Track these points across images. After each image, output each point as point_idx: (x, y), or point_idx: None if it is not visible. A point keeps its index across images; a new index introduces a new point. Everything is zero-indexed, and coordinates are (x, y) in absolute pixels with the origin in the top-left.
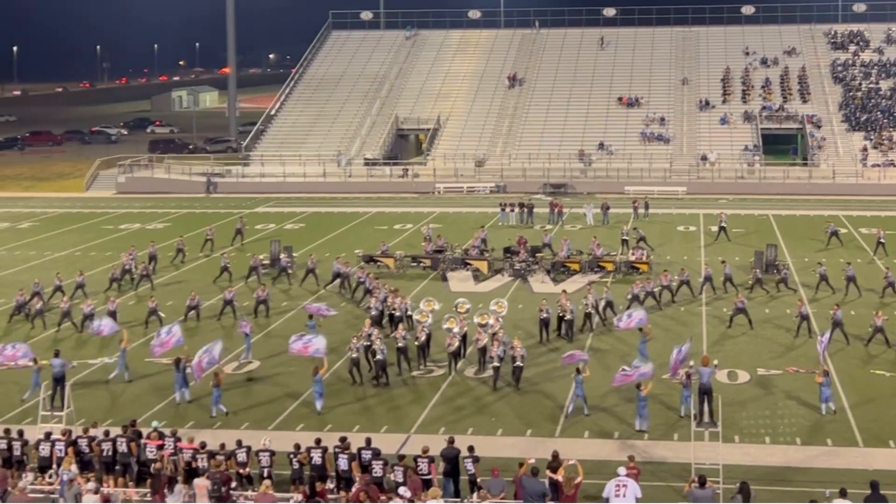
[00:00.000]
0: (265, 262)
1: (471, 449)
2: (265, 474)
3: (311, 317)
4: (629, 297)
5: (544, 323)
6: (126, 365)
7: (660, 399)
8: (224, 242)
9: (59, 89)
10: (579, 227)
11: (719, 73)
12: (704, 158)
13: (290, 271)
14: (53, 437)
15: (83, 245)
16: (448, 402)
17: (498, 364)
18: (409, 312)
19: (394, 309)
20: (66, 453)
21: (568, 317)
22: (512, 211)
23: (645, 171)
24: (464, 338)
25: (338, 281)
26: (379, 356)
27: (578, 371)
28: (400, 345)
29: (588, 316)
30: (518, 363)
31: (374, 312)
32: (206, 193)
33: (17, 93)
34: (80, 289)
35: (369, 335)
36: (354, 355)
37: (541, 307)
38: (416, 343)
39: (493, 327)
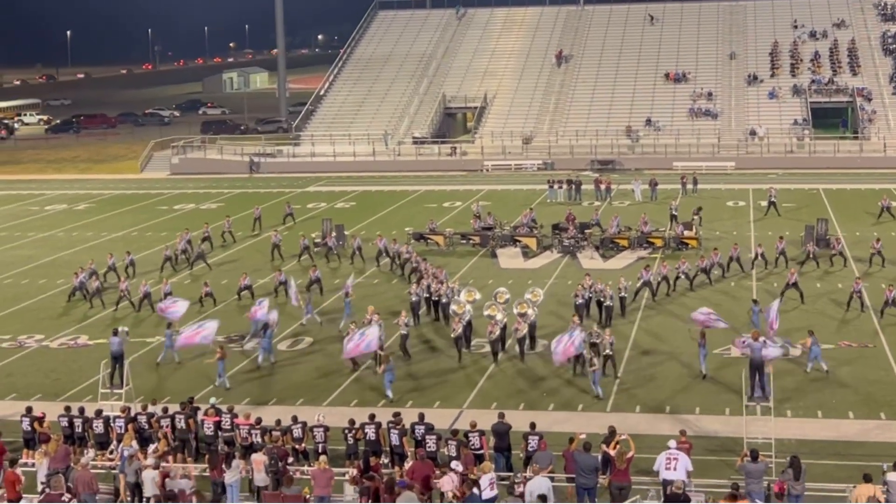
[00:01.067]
0: (317, 240)
1: (532, 426)
2: (320, 450)
3: (347, 294)
4: (677, 274)
5: (579, 309)
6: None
7: (711, 372)
8: (274, 221)
9: (124, 71)
10: (627, 203)
11: (767, 47)
12: (753, 133)
13: (335, 251)
14: (106, 413)
15: (139, 226)
16: (500, 379)
17: (581, 351)
18: (453, 297)
19: (438, 295)
20: (126, 430)
21: (608, 303)
22: (560, 188)
23: (693, 147)
24: (503, 329)
25: (386, 259)
26: (404, 332)
27: (595, 352)
28: (403, 332)
29: (623, 300)
30: (608, 351)
31: (413, 299)
32: (249, 174)
33: (81, 75)
34: (131, 267)
35: (370, 322)
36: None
37: (576, 292)
38: (453, 335)
39: (530, 317)
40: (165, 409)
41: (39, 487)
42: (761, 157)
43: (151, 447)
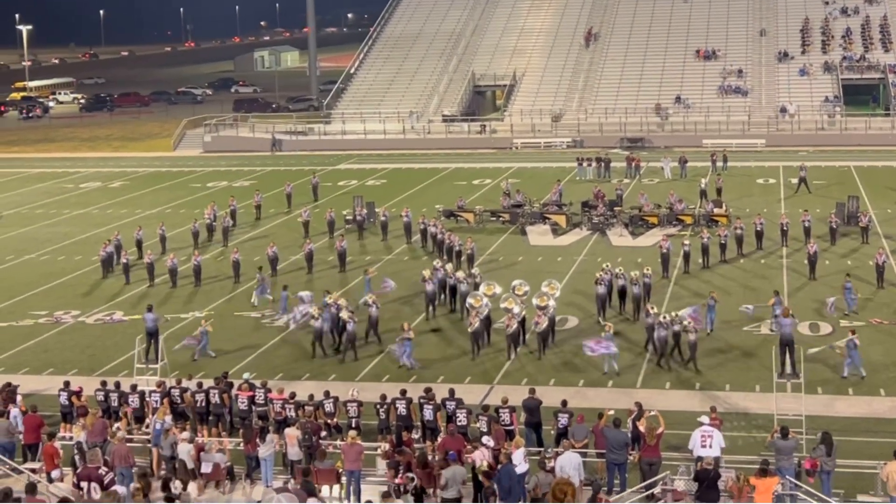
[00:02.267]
0: (348, 217)
1: (564, 403)
2: (353, 424)
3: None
4: (702, 244)
5: (601, 298)
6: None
7: (741, 349)
8: (305, 198)
9: (168, 49)
10: (657, 180)
11: (798, 24)
12: (784, 110)
13: (365, 227)
14: (141, 388)
15: (173, 203)
16: (530, 356)
17: (672, 341)
18: (470, 291)
19: (456, 280)
20: (162, 403)
21: (636, 290)
22: (589, 165)
23: (723, 125)
24: (522, 322)
25: (417, 236)
26: (350, 326)
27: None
28: (373, 313)
29: (648, 287)
30: (691, 337)
31: (429, 288)
32: (271, 152)
33: (125, 53)
34: (163, 242)
35: (337, 306)
36: (318, 324)
37: (597, 279)
38: (470, 330)
39: (550, 310)
40: (200, 384)
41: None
42: (792, 135)
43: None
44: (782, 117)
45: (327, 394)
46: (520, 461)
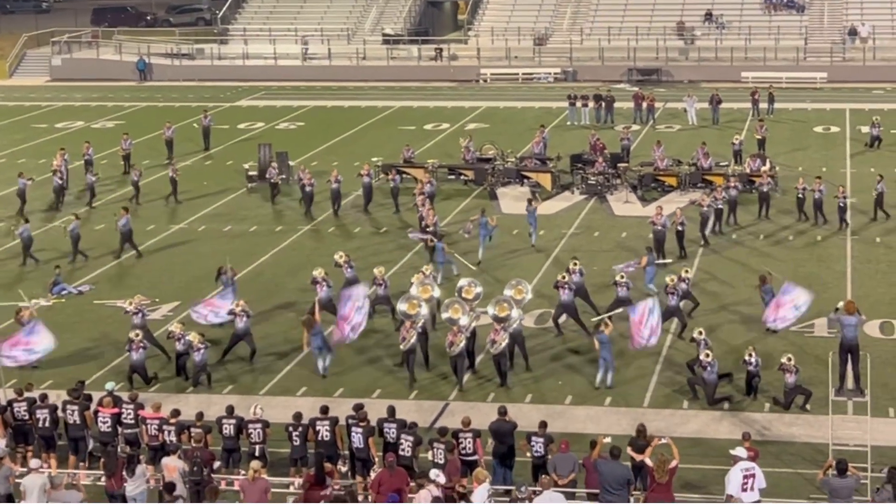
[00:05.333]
0: (251, 172)
1: (543, 425)
2: (256, 452)
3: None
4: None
5: (567, 308)
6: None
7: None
8: (191, 146)
9: None
10: (678, 127)
11: None
12: (853, 33)
13: (282, 183)
14: None
15: (8, 150)
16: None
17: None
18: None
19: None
20: None
21: (622, 291)
22: (584, 106)
23: (770, 52)
24: (472, 338)
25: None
26: (198, 357)
27: (601, 328)
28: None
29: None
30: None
31: (323, 294)
32: (139, 81)
33: None
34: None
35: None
36: (136, 356)
37: (559, 281)
38: (403, 347)
39: (513, 323)
40: (44, 397)
41: None
42: (864, 67)
43: None
44: (851, 42)
45: (230, 410)
46: (480, 501)
